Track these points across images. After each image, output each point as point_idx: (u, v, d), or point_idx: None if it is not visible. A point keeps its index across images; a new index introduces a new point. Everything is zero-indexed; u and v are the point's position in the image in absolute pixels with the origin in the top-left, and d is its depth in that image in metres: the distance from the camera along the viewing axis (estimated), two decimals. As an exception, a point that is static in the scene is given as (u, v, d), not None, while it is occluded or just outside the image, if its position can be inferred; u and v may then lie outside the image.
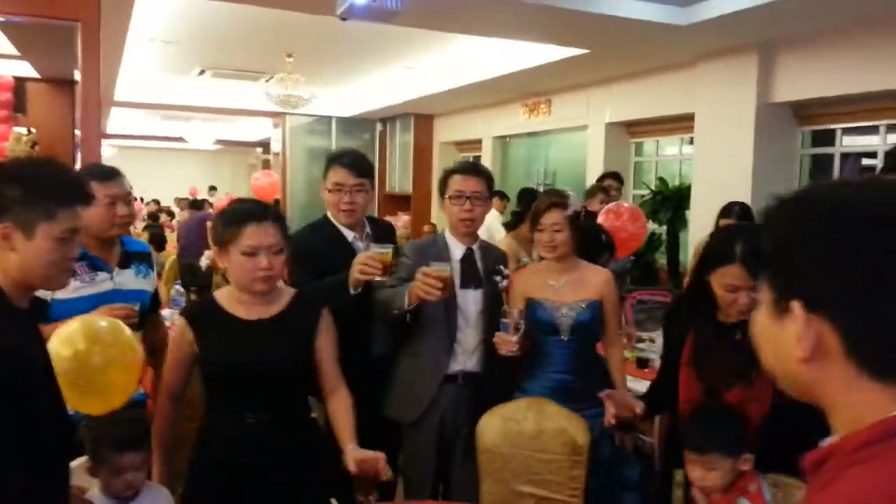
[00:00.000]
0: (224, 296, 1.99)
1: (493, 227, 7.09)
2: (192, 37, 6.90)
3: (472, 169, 2.60)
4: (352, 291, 2.32)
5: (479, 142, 9.43)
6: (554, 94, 7.83)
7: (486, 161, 9.29)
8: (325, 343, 2.03)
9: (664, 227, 6.43)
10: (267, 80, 8.65)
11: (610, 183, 5.17)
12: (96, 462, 1.82)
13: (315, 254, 2.53)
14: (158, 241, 7.40)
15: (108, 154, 16.83)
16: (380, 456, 1.81)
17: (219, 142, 14.94)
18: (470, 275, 2.55)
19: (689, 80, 5.87)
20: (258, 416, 1.90)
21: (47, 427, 1.39)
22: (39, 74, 6.61)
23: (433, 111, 10.13)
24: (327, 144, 11.12)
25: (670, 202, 6.25)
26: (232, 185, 18.05)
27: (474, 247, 2.60)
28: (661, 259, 6.55)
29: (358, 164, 2.64)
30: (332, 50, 7.21)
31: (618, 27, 4.86)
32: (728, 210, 4.37)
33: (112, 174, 2.42)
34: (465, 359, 2.55)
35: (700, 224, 5.40)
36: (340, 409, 2.00)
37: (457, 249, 2.57)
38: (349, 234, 2.64)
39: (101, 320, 2.07)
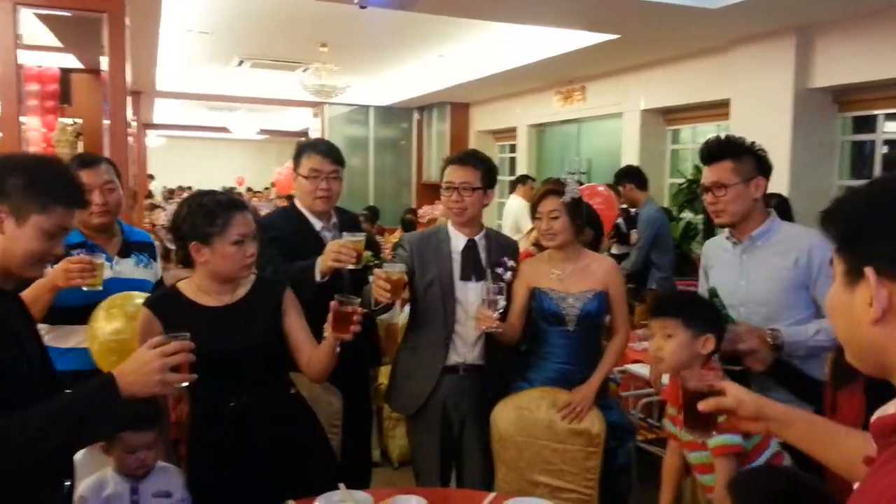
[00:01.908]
0: (186, 286, 2.02)
1: (518, 214, 7.04)
2: (226, 27, 7.03)
3: (463, 159, 2.54)
4: (318, 279, 2.31)
5: (514, 130, 9.37)
6: (588, 81, 7.71)
7: (522, 149, 9.23)
8: (294, 320, 2.06)
9: (700, 217, 6.28)
10: (304, 70, 8.76)
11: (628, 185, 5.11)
12: (110, 440, 1.88)
13: (283, 238, 2.53)
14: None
15: (157, 144, 17.31)
16: (360, 309, 1.89)
17: (263, 131, 15.19)
18: (470, 267, 2.52)
19: (725, 65, 5.70)
20: (238, 399, 1.93)
21: (33, 392, 1.44)
22: (83, 66, 6.81)
23: (469, 99, 10.10)
24: (365, 133, 11.22)
25: (706, 191, 6.08)
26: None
27: (478, 237, 2.55)
28: (698, 249, 6.40)
29: (333, 151, 2.63)
30: (366, 39, 7.25)
31: (646, 11, 4.75)
32: (765, 203, 4.19)
33: (89, 162, 2.37)
34: (466, 351, 2.53)
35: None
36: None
37: (458, 241, 2.54)
38: (317, 224, 2.63)
39: (136, 297, 2.14)
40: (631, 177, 5.17)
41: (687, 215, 6.53)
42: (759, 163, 2.21)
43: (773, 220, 2.25)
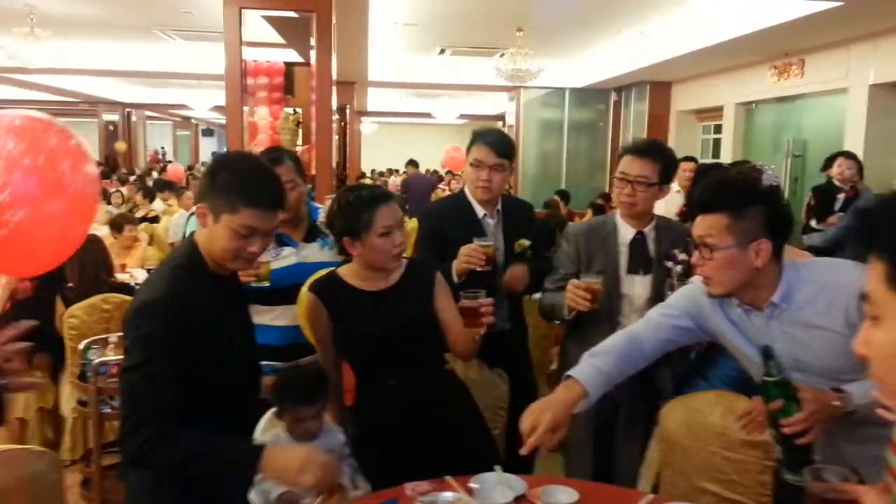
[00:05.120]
0: (346, 272, 2.12)
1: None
2: (430, 18, 7.38)
3: (643, 150, 2.39)
4: (455, 280, 2.35)
5: (720, 109, 8.77)
6: (807, 54, 6.98)
7: (728, 130, 8.62)
8: (444, 302, 2.12)
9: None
10: (500, 56, 8.92)
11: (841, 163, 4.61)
12: (281, 409, 2.12)
13: (443, 232, 2.58)
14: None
15: (369, 130, 18.70)
16: (485, 301, 1.96)
17: (462, 116, 15.70)
18: (638, 259, 2.41)
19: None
20: (397, 377, 2.04)
21: (236, 369, 1.66)
22: (303, 60, 7.56)
23: (670, 77, 9.61)
24: (560, 116, 11.16)
25: (948, 176, 5.28)
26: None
27: (646, 229, 2.43)
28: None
29: (500, 143, 2.60)
30: (562, 21, 7.21)
31: (874, -28, 4.21)
32: None
33: (274, 159, 2.45)
34: None
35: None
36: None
37: (626, 232, 2.43)
38: (480, 212, 2.64)
39: None
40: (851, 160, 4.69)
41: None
42: (769, 217, 1.63)
43: (787, 273, 1.72)
